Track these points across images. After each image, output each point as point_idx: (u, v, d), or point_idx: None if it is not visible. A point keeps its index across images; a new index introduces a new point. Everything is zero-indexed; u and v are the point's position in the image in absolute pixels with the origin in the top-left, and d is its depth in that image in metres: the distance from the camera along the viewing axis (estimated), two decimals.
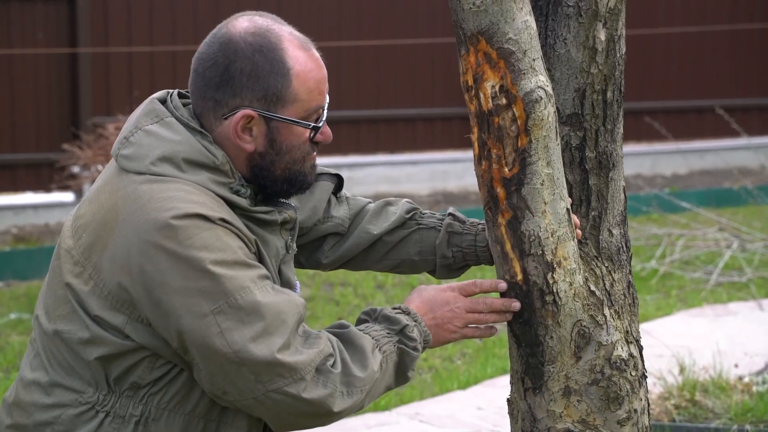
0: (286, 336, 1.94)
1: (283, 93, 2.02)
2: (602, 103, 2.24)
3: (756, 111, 10.62)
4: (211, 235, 1.93)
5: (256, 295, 1.93)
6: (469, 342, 5.61)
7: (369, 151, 9.37)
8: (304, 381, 1.95)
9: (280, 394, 1.94)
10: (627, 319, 2.24)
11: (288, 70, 2.02)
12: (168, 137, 2.01)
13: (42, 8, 8.29)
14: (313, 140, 2.08)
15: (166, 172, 1.98)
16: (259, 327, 1.93)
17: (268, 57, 2.01)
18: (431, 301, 2.15)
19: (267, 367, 1.93)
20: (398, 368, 2.10)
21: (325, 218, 2.34)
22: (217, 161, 2.01)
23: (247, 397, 1.95)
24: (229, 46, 2.01)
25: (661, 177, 10.09)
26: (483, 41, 2.08)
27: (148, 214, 1.93)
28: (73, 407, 2.00)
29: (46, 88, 8.30)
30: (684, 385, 4.44)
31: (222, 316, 1.92)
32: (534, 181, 2.11)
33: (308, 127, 2.05)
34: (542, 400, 2.20)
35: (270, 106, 2.02)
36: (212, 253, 1.92)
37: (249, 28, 2.02)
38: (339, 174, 2.39)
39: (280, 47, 2.02)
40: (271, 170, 2.06)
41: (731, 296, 6.28)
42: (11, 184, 8.29)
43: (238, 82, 2.01)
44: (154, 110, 2.05)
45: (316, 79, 2.05)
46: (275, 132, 2.04)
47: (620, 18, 2.24)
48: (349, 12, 9.27)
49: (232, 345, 1.92)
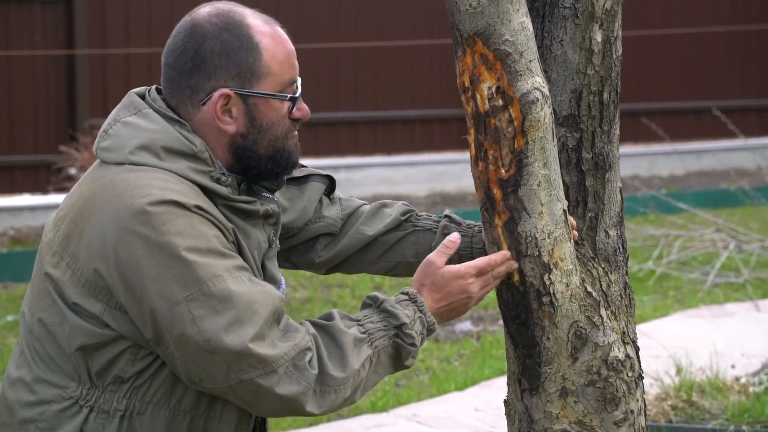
0: (258, 326, 1.92)
1: (256, 67, 2.03)
2: (599, 104, 2.24)
3: (753, 112, 10.63)
4: (186, 223, 1.92)
5: (229, 284, 1.92)
6: (466, 343, 5.61)
7: (367, 153, 9.38)
8: (276, 374, 1.93)
9: (253, 384, 1.93)
10: (624, 320, 2.24)
11: (257, 44, 2.03)
12: (145, 127, 2.02)
13: (39, 10, 8.29)
14: (292, 117, 2.08)
15: (145, 161, 1.99)
16: (230, 316, 1.91)
17: (235, 34, 2.03)
18: (446, 291, 2.11)
19: (238, 357, 1.91)
20: (395, 359, 2.08)
21: (317, 218, 2.34)
22: (195, 149, 2.01)
23: (222, 385, 1.94)
24: (195, 30, 2.03)
25: (658, 178, 10.09)
26: (480, 43, 2.08)
27: (123, 201, 1.93)
28: (57, 403, 1.99)
29: (43, 90, 8.30)
30: (681, 386, 4.44)
31: (194, 304, 1.90)
32: (531, 182, 2.12)
33: (285, 99, 2.05)
34: (539, 401, 2.20)
35: (245, 83, 2.03)
36: (186, 240, 1.91)
37: (212, 12, 2.05)
38: (330, 175, 2.39)
39: (245, 23, 2.04)
40: (254, 150, 2.06)
41: (728, 297, 6.29)
42: (8, 185, 8.29)
43: (210, 63, 2.02)
44: (132, 103, 2.06)
45: (285, 52, 2.06)
46: (254, 109, 2.04)
47: (616, 19, 2.24)
48: (347, 14, 9.27)
49: (203, 333, 1.90)
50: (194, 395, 2.00)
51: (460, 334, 5.83)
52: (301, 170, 2.35)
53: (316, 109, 9.21)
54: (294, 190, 2.33)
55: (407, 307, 2.08)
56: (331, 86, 9.28)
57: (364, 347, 2.02)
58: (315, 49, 8.98)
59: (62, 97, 8.31)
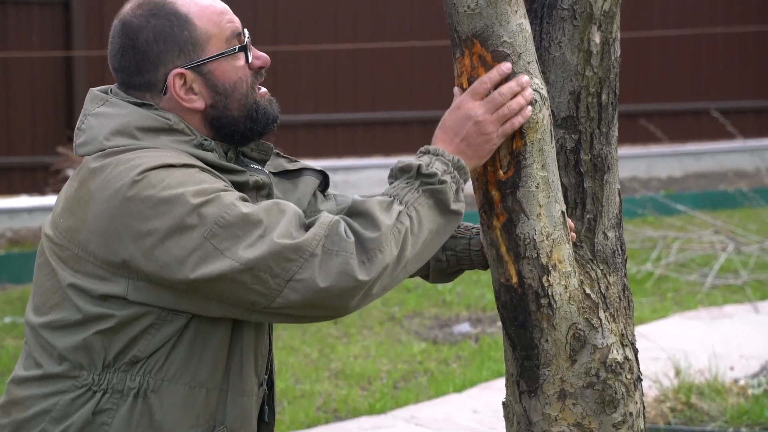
0: (282, 227, 1.90)
1: (195, 37, 2.02)
2: (597, 105, 2.24)
3: (751, 113, 10.64)
4: (183, 173, 1.92)
5: (242, 209, 1.90)
6: (464, 345, 5.61)
7: (365, 154, 9.38)
8: (315, 257, 1.89)
9: (299, 281, 1.89)
10: (622, 322, 2.24)
11: (186, 15, 2.02)
12: (115, 113, 2.02)
13: (37, 11, 8.29)
14: (252, 67, 2.06)
15: (122, 143, 1.98)
16: (255, 233, 1.89)
17: (162, 15, 2.02)
18: (452, 126, 2.05)
19: (275, 258, 1.88)
20: (438, 207, 2.01)
21: (312, 212, 2.32)
22: (170, 122, 2.01)
23: (274, 297, 1.90)
24: (125, 28, 2.03)
25: (656, 180, 10.09)
26: (478, 44, 2.08)
27: (118, 177, 1.93)
28: (70, 392, 1.99)
29: (41, 92, 8.30)
30: (679, 388, 4.44)
31: (216, 239, 1.89)
32: (529, 184, 2.11)
33: (235, 52, 2.04)
34: (537, 404, 2.20)
35: (191, 55, 2.02)
36: (188, 186, 1.90)
37: (134, 5, 2.05)
38: (324, 171, 2.38)
39: (166, 2, 2.03)
40: (228, 115, 2.05)
41: (727, 299, 6.29)
42: (6, 187, 8.29)
43: (152, 53, 2.02)
44: (97, 96, 2.06)
45: (215, 11, 2.05)
46: (212, 77, 2.03)
47: (615, 21, 2.24)
48: (345, 15, 9.27)
49: (236, 259, 1.88)
50: (209, 369, 1.99)
51: (458, 335, 5.83)
52: (293, 164, 2.35)
53: (314, 110, 9.23)
54: (287, 183, 2.32)
55: (421, 157, 2.04)
56: (330, 88, 9.28)
57: (393, 206, 1.96)
58: (313, 51, 8.98)
59: (60, 99, 8.31)
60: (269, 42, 8.82)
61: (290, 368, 5.29)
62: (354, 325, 6.02)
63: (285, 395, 4.94)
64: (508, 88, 2.05)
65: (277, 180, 2.31)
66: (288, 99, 9.06)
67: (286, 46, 8.90)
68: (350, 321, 6.08)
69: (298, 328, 5.92)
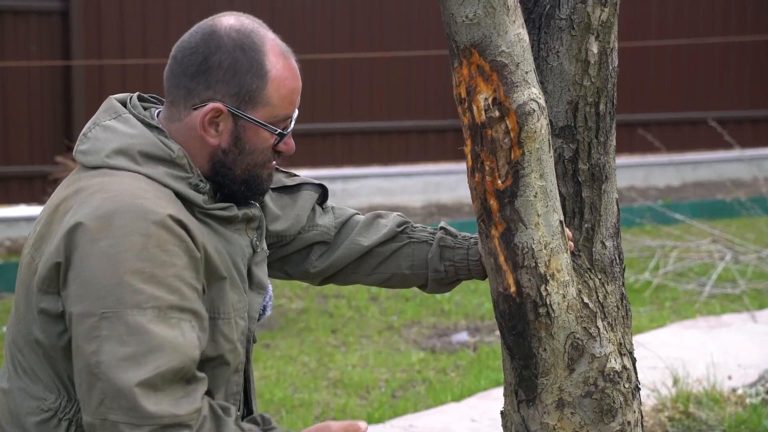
0: (152, 374, 1.82)
1: (257, 94, 2.02)
2: (595, 115, 2.25)
3: (749, 123, 10.65)
4: (142, 241, 1.86)
5: (147, 319, 1.83)
6: (463, 354, 5.61)
7: (363, 163, 9.38)
8: (139, 429, 1.82)
9: (115, 429, 1.83)
10: (620, 331, 2.24)
11: (266, 72, 2.02)
12: (124, 131, 2.01)
13: (35, 21, 8.30)
14: (276, 149, 2.08)
15: (122, 165, 1.97)
16: (131, 350, 1.83)
17: (248, 56, 2.01)
18: None
19: (116, 394, 1.82)
20: None
21: (310, 227, 2.33)
22: (173, 154, 1.99)
23: (89, 415, 1.85)
24: (212, 38, 2.02)
25: (654, 189, 10.10)
26: (476, 54, 2.08)
27: (91, 204, 1.90)
28: (35, 415, 1.96)
29: (39, 101, 8.30)
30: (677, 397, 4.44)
31: (106, 323, 1.84)
32: (527, 193, 2.12)
33: (274, 133, 2.05)
34: (536, 413, 2.20)
35: (241, 104, 2.02)
36: (133, 261, 1.85)
37: (235, 25, 2.03)
38: (323, 184, 2.38)
39: (262, 50, 2.02)
40: (231, 168, 2.04)
41: (725, 308, 6.29)
42: (4, 196, 8.29)
43: (214, 74, 2.01)
44: (113, 107, 2.05)
45: (290, 88, 2.05)
46: (241, 131, 2.03)
47: (612, 31, 2.24)
48: (342, 24, 9.28)
49: (98, 354, 1.83)
50: None
51: (457, 344, 5.82)
52: (292, 179, 2.35)
53: (311, 119, 9.23)
54: (286, 198, 2.32)
55: None
56: (327, 97, 9.29)
57: None
58: (310, 60, 8.99)
59: (58, 108, 8.31)
60: None
61: (288, 377, 5.29)
62: (352, 334, 6.01)
63: (283, 404, 4.94)
64: None
65: (276, 195, 2.31)
66: None
67: None
68: (349, 330, 6.08)
69: (296, 336, 5.92)
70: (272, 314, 6.35)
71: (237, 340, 2.05)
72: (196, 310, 1.91)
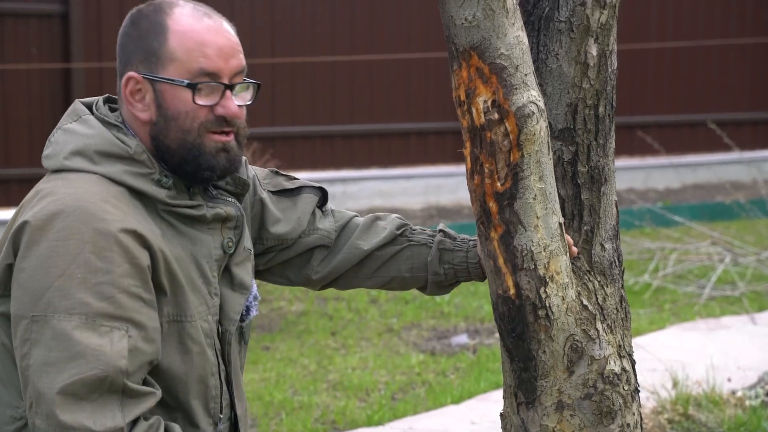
0: (71, 380, 1.79)
1: (160, 51, 1.98)
2: (594, 117, 2.25)
3: (748, 125, 10.65)
4: (79, 246, 1.84)
5: (73, 326, 1.81)
6: (462, 356, 5.61)
7: (363, 166, 9.38)
8: None
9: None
10: (620, 334, 2.24)
11: (167, 29, 1.99)
12: (82, 132, 1.99)
13: (36, 23, 8.30)
14: (216, 113, 1.99)
15: (79, 166, 1.96)
16: (55, 356, 1.81)
17: (151, 20, 2.00)
18: None
19: (39, 399, 1.81)
20: None
21: (311, 230, 2.32)
22: (130, 150, 1.97)
23: (27, 415, 1.85)
24: (126, 19, 2.04)
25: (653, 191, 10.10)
26: (475, 56, 2.08)
27: (40, 204, 1.90)
28: (9, 424, 1.95)
29: (39, 103, 8.30)
30: (677, 399, 4.44)
31: (36, 326, 1.83)
32: (526, 195, 2.12)
33: (182, 85, 1.97)
34: (535, 415, 2.20)
35: (150, 66, 1.99)
36: (68, 266, 1.83)
37: (153, 3, 2.03)
38: (323, 188, 2.37)
39: (165, 11, 2.01)
40: (164, 140, 1.99)
41: (724, 310, 6.29)
42: (4, 198, 8.29)
43: (127, 48, 2.01)
44: (75, 110, 2.05)
45: (198, 41, 1.98)
46: (161, 96, 1.99)
47: (611, 33, 2.24)
48: (342, 27, 9.29)
49: (28, 358, 1.83)
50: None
51: (456, 347, 5.83)
52: (292, 182, 2.34)
53: (311, 122, 9.24)
54: (287, 201, 2.32)
55: None
56: (327, 99, 9.29)
57: None
58: (310, 63, 8.99)
59: (58, 111, 8.30)
60: (267, 54, 8.83)
61: (288, 380, 5.29)
62: (352, 336, 6.01)
63: (283, 407, 4.94)
64: None
65: (277, 198, 2.30)
66: (285, 111, 9.07)
67: (284, 58, 8.91)
68: (348, 333, 6.08)
69: (296, 339, 5.92)
70: (272, 317, 6.35)
71: (204, 342, 2.01)
72: (135, 319, 1.87)
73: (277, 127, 8.98)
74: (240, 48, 2.04)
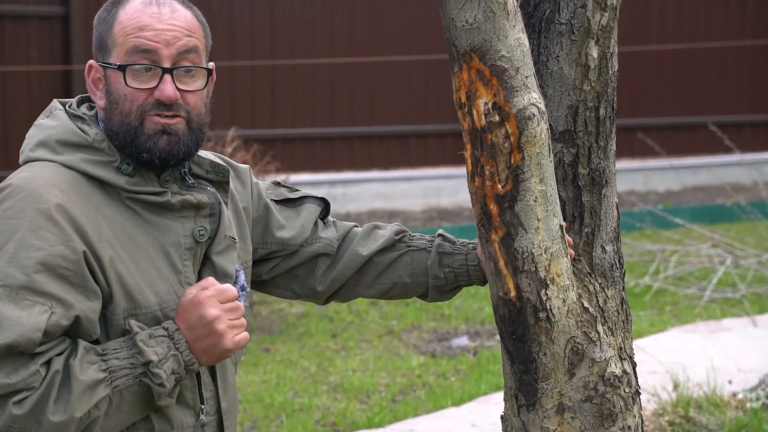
0: None
1: (107, 39, 2.05)
2: (595, 119, 2.25)
3: (748, 127, 10.66)
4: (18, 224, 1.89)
5: None
6: (463, 359, 5.60)
7: (363, 168, 9.39)
8: None
9: None
10: (620, 336, 2.24)
11: (114, 16, 2.05)
12: (48, 125, 2.05)
13: (36, 25, 8.30)
14: (155, 96, 2.00)
15: (42, 156, 2.01)
16: None
17: (108, 10, 2.07)
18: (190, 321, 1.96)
19: None
20: (145, 398, 1.94)
21: (314, 239, 2.33)
22: (89, 138, 2.00)
23: None
24: None
25: (654, 193, 10.10)
26: (476, 58, 2.08)
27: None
28: None
29: (39, 105, 8.29)
30: (678, 402, 4.44)
31: None
32: (527, 197, 2.12)
33: (114, 68, 2.02)
34: (536, 417, 2.20)
35: (101, 54, 2.06)
36: (3, 241, 1.88)
37: None
38: (325, 199, 2.38)
39: (122, 4, 2.06)
40: (109, 125, 2.03)
41: (725, 312, 6.29)
42: None
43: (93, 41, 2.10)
44: (49, 108, 2.10)
45: (136, 26, 2.02)
46: (108, 81, 2.04)
47: (612, 35, 2.24)
48: (342, 29, 9.29)
49: None
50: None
51: (457, 349, 5.83)
52: (295, 193, 2.36)
53: (312, 124, 9.24)
54: (289, 211, 2.33)
55: (161, 343, 1.94)
56: (327, 101, 9.29)
57: (99, 388, 1.89)
58: (311, 65, 9.00)
59: None
60: (267, 56, 8.84)
61: (289, 382, 5.29)
62: (352, 338, 6.01)
63: (283, 409, 4.94)
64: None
65: (280, 207, 2.32)
66: (285, 113, 9.07)
67: (283, 60, 8.91)
68: (349, 335, 6.08)
69: (296, 341, 5.92)
70: (273, 319, 6.35)
71: None
72: (61, 297, 1.89)
73: (277, 129, 8.98)
74: (191, 33, 2.04)
